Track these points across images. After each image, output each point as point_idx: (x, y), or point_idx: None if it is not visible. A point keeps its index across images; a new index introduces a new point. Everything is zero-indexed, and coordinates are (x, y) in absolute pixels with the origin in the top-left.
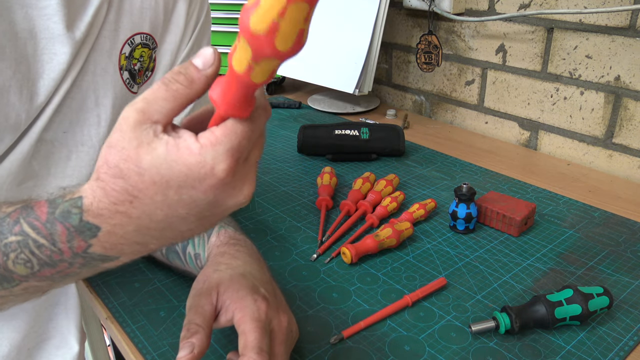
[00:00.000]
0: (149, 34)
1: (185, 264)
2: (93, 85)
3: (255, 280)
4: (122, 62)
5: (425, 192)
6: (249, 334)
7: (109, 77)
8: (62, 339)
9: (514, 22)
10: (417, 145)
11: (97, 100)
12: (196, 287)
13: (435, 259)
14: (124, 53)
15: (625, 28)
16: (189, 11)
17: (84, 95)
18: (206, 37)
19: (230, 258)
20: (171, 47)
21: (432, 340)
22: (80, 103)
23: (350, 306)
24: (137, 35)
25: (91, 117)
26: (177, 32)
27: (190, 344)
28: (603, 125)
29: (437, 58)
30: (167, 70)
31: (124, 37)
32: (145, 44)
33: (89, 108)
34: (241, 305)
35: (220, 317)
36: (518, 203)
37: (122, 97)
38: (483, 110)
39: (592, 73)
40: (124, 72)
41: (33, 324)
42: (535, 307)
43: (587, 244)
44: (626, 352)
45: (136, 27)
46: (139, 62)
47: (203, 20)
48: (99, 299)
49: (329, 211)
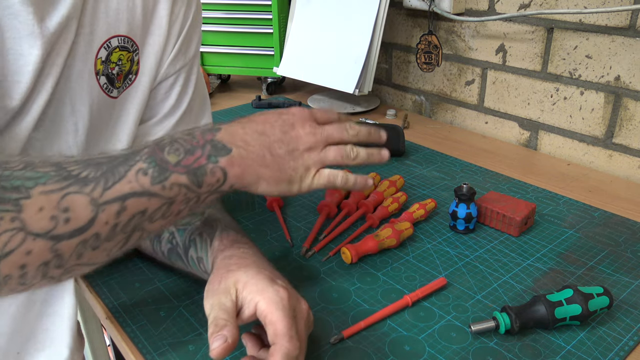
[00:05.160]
0: (127, 37)
1: (188, 266)
2: (69, 92)
3: (270, 273)
4: (99, 67)
5: (425, 192)
6: (278, 322)
7: (85, 83)
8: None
9: (514, 22)
10: (417, 145)
11: (74, 107)
12: (211, 288)
13: (435, 259)
14: (100, 57)
15: (625, 28)
16: (174, 11)
17: (60, 103)
18: (196, 38)
19: (238, 259)
20: (154, 50)
21: (432, 340)
22: (56, 111)
23: (350, 306)
24: (113, 38)
25: (68, 125)
26: (160, 33)
27: (222, 336)
28: (603, 125)
29: (437, 58)
30: (152, 74)
31: (100, 41)
32: (124, 47)
33: (66, 116)
34: (264, 297)
35: (243, 312)
36: (518, 203)
37: (100, 103)
38: (483, 110)
39: (592, 73)
40: (101, 77)
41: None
42: (535, 307)
43: (587, 244)
44: (626, 352)
45: (112, 30)
46: (117, 65)
47: (191, 21)
48: (99, 299)
49: None
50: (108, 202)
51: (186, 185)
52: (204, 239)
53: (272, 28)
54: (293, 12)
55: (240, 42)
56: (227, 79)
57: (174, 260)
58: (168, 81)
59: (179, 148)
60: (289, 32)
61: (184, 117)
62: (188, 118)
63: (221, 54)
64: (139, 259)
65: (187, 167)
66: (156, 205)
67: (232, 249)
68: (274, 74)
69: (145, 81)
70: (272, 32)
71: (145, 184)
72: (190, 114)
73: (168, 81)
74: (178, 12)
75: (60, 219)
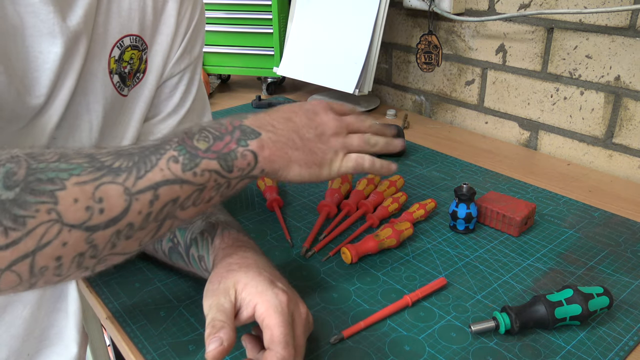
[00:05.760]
0: (138, 36)
1: (189, 264)
2: (84, 91)
3: (271, 275)
4: (112, 66)
5: (425, 192)
6: (274, 328)
7: (99, 81)
8: (64, 346)
9: (514, 22)
10: (417, 145)
11: (89, 106)
12: (211, 288)
13: (435, 259)
14: (114, 56)
15: (625, 28)
16: (181, 11)
17: (76, 101)
18: (200, 37)
19: (240, 258)
20: (162, 48)
21: (432, 340)
22: (72, 109)
23: (350, 306)
24: (126, 37)
25: (82, 123)
26: (168, 32)
27: (218, 338)
28: (603, 125)
29: (437, 58)
30: (159, 72)
31: (113, 40)
32: (135, 46)
33: (81, 114)
34: (263, 300)
35: (242, 313)
36: (518, 203)
37: (113, 102)
38: (483, 110)
39: (592, 73)
40: (114, 75)
41: (32, 330)
42: (535, 307)
43: (587, 244)
44: (626, 352)
45: (125, 29)
46: (129, 64)
47: (197, 21)
48: (99, 299)
49: None
50: (141, 191)
51: (217, 170)
52: (205, 237)
53: (272, 28)
54: (293, 12)
55: (240, 42)
56: (227, 79)
57: (174, 260)
58: (173, 80)
59: (208, 135)
60: (289, 32)
61: (187, 115)
62: (191, 117)
63: (221, 54)
64: (139, 259)
65: (217, 153)
66: (188, 192)
67: (234, 248)
68: (274, 74)
69: (152, 79)
70: (272, 32)
71: (176, 172)
72: (194, 112)
73: (173, 80)
74: (185, 12)
75: (95, 209)
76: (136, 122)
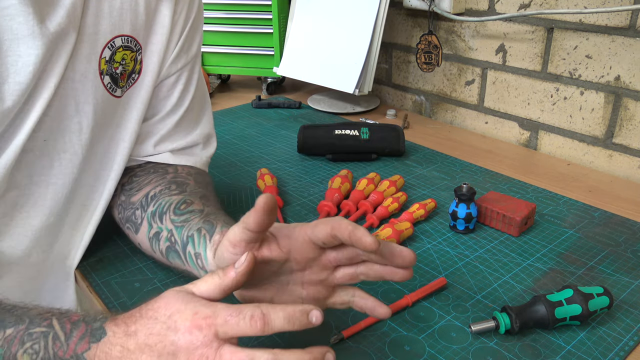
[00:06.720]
0: (131, 36)
1: (185, 263)
2: (73, 92)
3: None
4: (103, 67)
5: (425, 192)
6: (327, 220)
7: (89, 82)
8: None
9: (514, 22)
10: (417, 145)
11: (78, 107)
12: None
13: (435, 259)
14: (104, 57)
15: (625, 28)
16: (176, 10)
17: (64, 103)
18: (197, 37)
19: None
20: (158, 49)
21: (432, 340)
22: (59, 110)
23: None
24: (117, 37)
25: (72, 124)
26: (163, 32)
27: None
28: (603, 125)
29: (437, 58)
30: (155, 72)
31: (104, 41)
32: (127, 47)
33: (70, 115)
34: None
35: None
36: (518, 203)
37: (104, 103)
38: (483, 110)
39: (592, 73)
40: (105, 76)
41: None
42: (535, 307)
43: (587, 244)
44: (626, 352)
45: (116, 30)
46: (121, 65)
47: (193, 20)
48: (99, 299)
49: None
50: None
51: None
52: (203, 235)
53: (272, 28)
54: (293, 12)
55: (240, 42)
56: (227, 79)
57: (171, 259)
58: (170, 79)
59: (39, 352)
60: (289, 32)
61: (185, 115)
62: (190, 116)
63: (221, 54)
64: (139, 259)
65: None
66: None
67: None
68: (274, 74)
69: (149, 80)
70: (272, 32)
71: None
72: (192, 112)
73: (170, 79)
74: (180, 11)
75: None
76: (133, 123)
